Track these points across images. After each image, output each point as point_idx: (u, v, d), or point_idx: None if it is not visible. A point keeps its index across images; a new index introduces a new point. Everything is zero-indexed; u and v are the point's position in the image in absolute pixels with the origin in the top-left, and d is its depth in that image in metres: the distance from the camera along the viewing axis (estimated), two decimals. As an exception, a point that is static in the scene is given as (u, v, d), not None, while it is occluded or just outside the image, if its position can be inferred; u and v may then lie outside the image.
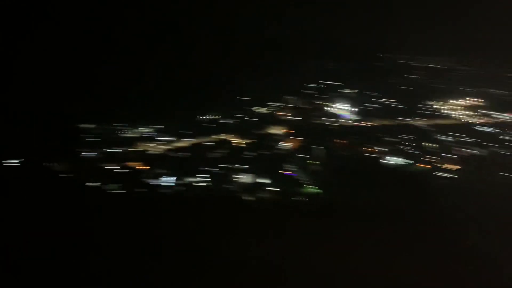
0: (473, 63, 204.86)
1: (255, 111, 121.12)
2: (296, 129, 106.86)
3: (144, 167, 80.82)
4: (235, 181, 77.10)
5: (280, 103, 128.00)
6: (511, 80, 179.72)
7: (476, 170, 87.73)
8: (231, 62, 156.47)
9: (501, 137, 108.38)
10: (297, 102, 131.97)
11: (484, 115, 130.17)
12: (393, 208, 62.43)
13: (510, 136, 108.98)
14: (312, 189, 76.14)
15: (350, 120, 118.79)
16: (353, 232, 52.25)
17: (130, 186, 72.24)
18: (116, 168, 79.91)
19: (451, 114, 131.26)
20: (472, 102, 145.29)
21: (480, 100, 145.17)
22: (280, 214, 62.05)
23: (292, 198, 71.85)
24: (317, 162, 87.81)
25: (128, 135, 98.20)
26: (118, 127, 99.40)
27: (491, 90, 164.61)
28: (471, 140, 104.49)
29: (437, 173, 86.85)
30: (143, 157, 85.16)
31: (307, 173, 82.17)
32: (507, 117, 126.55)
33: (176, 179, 76.30)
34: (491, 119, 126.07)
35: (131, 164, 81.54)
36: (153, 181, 76.20)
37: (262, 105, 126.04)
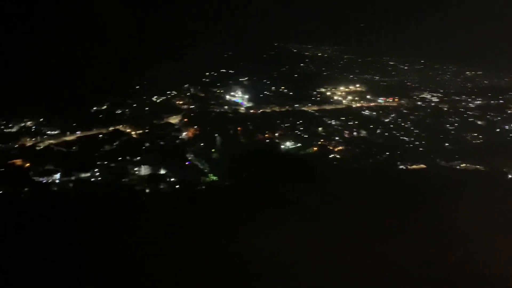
0: (354, 52, 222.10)
1: (150, 100, 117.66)
2: (193, 117, 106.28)
3: (28, 164, 73.88)
4: (130, 173, 74.06)
5: (176, 91, 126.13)
6: (386, 67, 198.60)
7: (359, 151, 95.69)
8: (125, 49, 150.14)
9: (382, 119, 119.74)
10: (194, 90, 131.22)
11: (365, 99, 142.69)
12: (283, 190, 64.98)
13: (386, 119, 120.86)
14: (210, 177, 76.40)
15: (245, 107, 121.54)
16: (247, 218, 53.26)
17: (13, 186, 65.00)
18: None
19: (338, 99, 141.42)
20: (355, 88, 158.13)
21: (360, 86, 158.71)
22: (176, 206, 60.74)
23: (190, 188, 70.90)
24: (214, 150, 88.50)
25: (8, 130, 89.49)
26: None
27: (369, 77, 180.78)
28: (356, 123, 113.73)
29: (324, 155, 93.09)
30: (27, 153, 78.02)
31: (204, 162, 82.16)
32: (382, 101, 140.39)
33: (65, 175, 70.75)
34: (370, 103, 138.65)
35: (12, 161, 74.15)
36: (39, 179, 69.77)
37: (159, 93, 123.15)
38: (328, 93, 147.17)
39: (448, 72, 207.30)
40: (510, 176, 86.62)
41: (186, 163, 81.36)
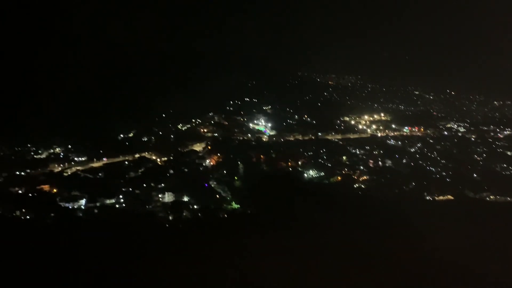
0: (378, 81, 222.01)
1: (175, 128, 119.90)
2: (216, 145, 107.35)
3: (55, 190, 75.57)
4: (154, 200, 74.70)
5: (200, 119, 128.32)
6: (411, 96, 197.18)
7: (384, 181, 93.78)
8: (152, 78, 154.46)
9: (407, 149, 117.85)
10: (218, 118, 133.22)
11: (389, 128, 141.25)
12: (306, 220, 63.97)
13: (412, 148, 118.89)
14: (232, 205, 76.24)
15: (268, 135, 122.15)
16: (268, 246, 52.65)
17: (39, 211, 66.25)
18: (24, 192, 73.83)
19: (362, 128, 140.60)
20: (379, 117, 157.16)
21: (384, 115, 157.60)
22: (198, 234, 60.52)
23: (212, 215, 70.68)
24: (237, 178, 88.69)
25: (37, 156, 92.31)
26: (25, 148, 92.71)
27: (394, 106, 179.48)
28: (380, 152, 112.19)
29: (348, 184, 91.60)
30: (54, 179, 79.93)
31: (227, 189, 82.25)
32: (407, 131, 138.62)
33: (90, 201, 71.88)
34: (395, 132, 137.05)
35: (40, 187, 76.00)
36: (65, 204, 71.03)
37: (184, 121, 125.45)
38: (352, 122, 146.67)
39: (475, 102, 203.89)
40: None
41: (208, 190, 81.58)
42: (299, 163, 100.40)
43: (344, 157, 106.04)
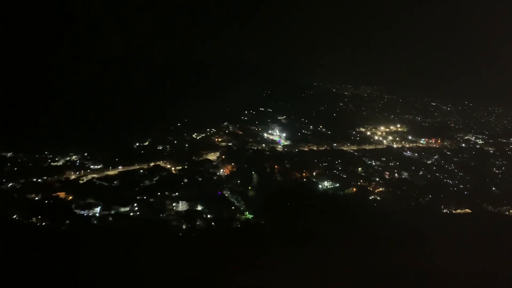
0: (395, 92, 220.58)
1: (190, 137, 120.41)
2: (230, 154, 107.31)
3: (70, 197, 76.26)
4: (168, 209, 74.74)
5: (215, 129, 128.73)
6: (428, 108, 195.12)
7: (400, 193, 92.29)
8: (168, 87, 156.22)
9: (424, 161, 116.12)
10: (232, 128, 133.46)
11: (406, 140, 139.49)
12: (320, 231, 63.20)
13: (429, 160, 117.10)
14: (246, 215, 75.82)
15: (282, 145, 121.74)
16: (282, 259, 52.11)
17: (55, 218, 66.89)
18: (40, 198, 74.69)
19: (378, 139, 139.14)
20: (395, 128, 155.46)
21: (401, 126, 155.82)
22: (211, 243, 60.22)
23: (225, 225, 70.38)
24: (250, 188, 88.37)
25: (54, 163, 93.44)
26: (43, 155, 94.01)
27: (410, 117, 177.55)
28: (397, 164, 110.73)
29: (363, 196, 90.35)
30: (70, 186, 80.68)
31: (240, 199, 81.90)
32: (424, 142, 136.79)
33: (105, 209, 72.31)
34: (412, 144, 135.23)
35: (56, 194, 76.74)
36: (80, 212, 71.59)
37: (198, 130, 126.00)
38: (368, 133, 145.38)
39: (494, 114, 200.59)
40: None
41: (222, 199, 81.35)
42: (314, 173, 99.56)
43: (359, 169, 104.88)
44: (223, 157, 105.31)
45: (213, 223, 71.00)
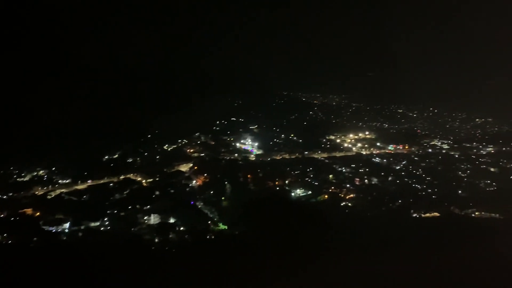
0: (362, 100, 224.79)
1: (161, 148, 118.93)
2: (203, 165, 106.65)
3: (38, 213, 73.87)
4: (139, 222, 73.38)
5: (187, 140, 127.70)
6: (395, 115, 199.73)
7: (370, 199, 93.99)
8: (137, 99, 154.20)
9: (393, 167, 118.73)
10: (204, 138, 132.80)
11: (375, 146, 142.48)
12: (294, 239, 63.48)
13: (398, 166, 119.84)
14: (219, 226, 75.37)
15: (255, 154, 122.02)
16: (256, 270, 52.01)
17: (22, 236, 64.62)
18: (6, 216, 71.99)
19: (348, 146, 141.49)
20: (364, 135, 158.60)
21: (369, 133, 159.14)
22: (185, 256, 59.44)
23: (199, 237, 69.70)
24: (224, 198, 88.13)
25: (20, 178, 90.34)
26: (8, 171, 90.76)
27: (378, 124, 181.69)
28: (366, 170, 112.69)
29: (335, 203, 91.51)
30: (38, 202, 78.22)
31: (214, 210, 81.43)
32: (392, 148, 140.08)
33: (75, 224, 70.39)
34: (380, 150, 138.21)
35: (23, 210, 74.15)
36: (49, 228, 69.45)
37: (170, 142, 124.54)
38: (338, 141, 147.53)
39: (457, 119, 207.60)
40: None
41: (194, 211, 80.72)
42: (286, 182, 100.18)
43: (330, 176, 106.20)
44: (196, 168, 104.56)
45: (186, 236, 70.22)
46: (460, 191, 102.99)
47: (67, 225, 70.26)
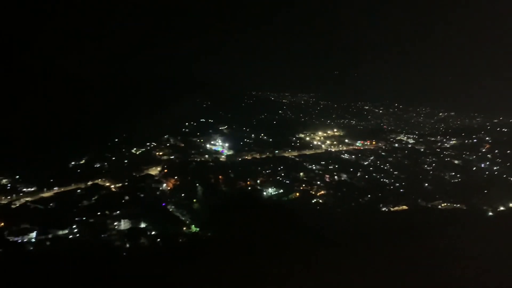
0: (330, 98, 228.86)
1: (129, 152, 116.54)
2: (173, 168, 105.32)
3: (2, 223, 71.09)
4: (109, 228, 71.77)
5: (156, 142, 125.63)
6: (361, 111, 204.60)
7: (341, 195, 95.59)
8: (103, 102, 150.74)
9: (361, 162, 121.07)
10: (173, 140, 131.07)
11: (343, 143, 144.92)
12: (267, 238, 63.66)
13: (366, 161, 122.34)
14: (191, 229, 74.72)
15: (226, 155, 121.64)
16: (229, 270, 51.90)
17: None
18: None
19: (317, 144, 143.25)
20: (333, 132, 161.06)
21: (337, 130, 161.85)
22: (157, 261, 58.54)
23: (171, 241, 68.82)
24: (195, 200, 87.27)
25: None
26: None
27: (346, 121, 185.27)
28: (336, 167, 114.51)
29: (307, 200, 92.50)
30: (1, 212, 75.19)
31: (185, 213, 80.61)
32: (360, 144, 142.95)
33: (41, 234, 68.07)
34: (349, 147, 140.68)
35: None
36: (14, 238, 66.91)
37: (138, 145, 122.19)
38: (307, 139, 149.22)
39: (422, 114, 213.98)
40: (490, 213, 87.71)
41: (163, 204, 79.93)
42: (258, 181, 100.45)
43: (301, 173, 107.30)
44: (166, 171, 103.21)
45: (158, 240, 69.22)
46: (426, 184, 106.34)
47: (33, 234, 67.73)
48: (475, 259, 56.40)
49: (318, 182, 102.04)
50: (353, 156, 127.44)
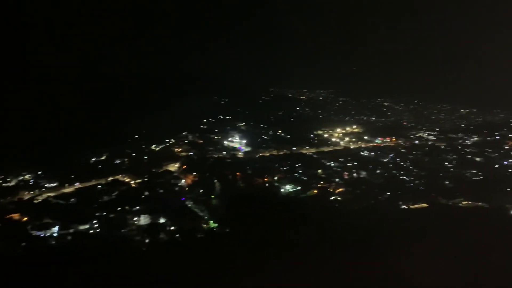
0: (349, 94, 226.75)
1: (148, 149, 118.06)
2: (191, 164, 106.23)
3: (25, 218, 72.81)
4: (129, 224, 72.81)
5: (175, 139, 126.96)
6: (381, 108, 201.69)
7: (359, 192, 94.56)
8: (123, 99, 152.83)
9: (380, 159, 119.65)
10: (192, 137, 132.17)
11: (362, 140, 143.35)
12: (284, 235, 63.51)
13: (385, 159, 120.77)
14: (209, 225, 75.24)
15: (243, 152, 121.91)
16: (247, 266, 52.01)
17: (10, 242, 63.54)
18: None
19: (335, 141, 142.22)
20: (351, 129, 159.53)
21: (356, 127, 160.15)
22: (176, 256, 59.07)
23: (189, 236, 69.35)
24: (213, 196, 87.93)
25: (6, 184, 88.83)
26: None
27: (365, 118, 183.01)
28: (354, 164, 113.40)
29: (325, 197, 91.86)
30: (25, 207, 77.14)
31: (203, 209, 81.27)
32: (380, 141, 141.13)
33: (63, 228, 69.50)
34: (368, 144, 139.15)
35: (10, 216, 73.01)
36: (37, 233, 68.49)
37: (157, 142, 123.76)
38: (326, 135, 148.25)
39: (443, 111, 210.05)
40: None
41: (184, 210, 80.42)
42: (275, 178, 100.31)
43: (319, 171, 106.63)
44: (184, 167, 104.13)
45: (177, 235, 69.92)
46: (447, 182, 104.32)
47: (55, 229, 69.25)
48: (498, 258, 55.21)
49: (337, 180, 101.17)
50: (372, 153, 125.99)
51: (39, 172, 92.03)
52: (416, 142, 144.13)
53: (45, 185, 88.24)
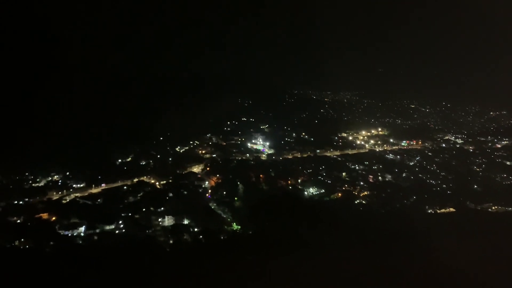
0: (374, 96, 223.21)
1: (173, 150, 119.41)
2: (215, 166, 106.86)
3: (54, 218, 74.71)
4: (154, 224, 73.80)
5: (199, 141, 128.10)
6: (407, 110, 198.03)
7: (385, 196, 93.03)
8: (149, 102, 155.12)
9: (406, 163, 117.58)
10: (215, 139, 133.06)
11: (388, 143, 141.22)
12: (308, 238, 63.06)
13: (411, 162, 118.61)
14: (233, 226, 75.43)
15: (266, 154, 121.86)
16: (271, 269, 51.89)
17: (39, 240, 65.29)
18: (22, 221, 72.91)
19: (360, 143, 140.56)
20: (377, 132, 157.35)
21: (382, 129, 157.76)
22: (199, 257, 59.46)
23: (213, 237, 69.68)
24: (237, 198, 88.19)
25: (35, 184, 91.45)
26: (23, 177, 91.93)
27: (391, 120, 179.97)
28: (380, 167, 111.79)
29: (349, 201, 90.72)
30: (53, 207, 79.12)
31: (227, 210, 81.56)
32: (406, 144, 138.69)
33: (90, 228, 70.99)
34: (394, 147, 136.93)
35: (39, 215, 75.07)
36: (65, 232, 70.18)
37: (181, 144, 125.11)
38: (350, 138, 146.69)
39: (471, 113, 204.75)
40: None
41: (208, 211, 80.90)
42: (299, 181, 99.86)
43: (343, 173, 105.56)
44: (208, 169, 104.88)
45: (200, 236, 70.40)
46: (475, 186, 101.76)
47: (82, 229, 70.82)
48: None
49: (361, 183, 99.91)
50: (398, 156, 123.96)
51: (67, 173, 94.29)
52: (443, 145, 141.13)
53: (73, 185, 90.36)
